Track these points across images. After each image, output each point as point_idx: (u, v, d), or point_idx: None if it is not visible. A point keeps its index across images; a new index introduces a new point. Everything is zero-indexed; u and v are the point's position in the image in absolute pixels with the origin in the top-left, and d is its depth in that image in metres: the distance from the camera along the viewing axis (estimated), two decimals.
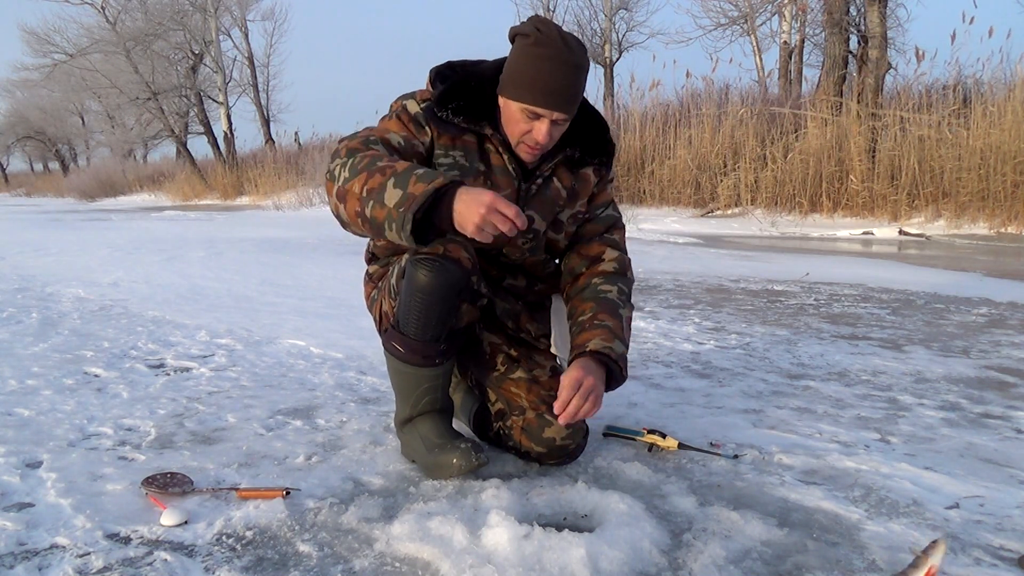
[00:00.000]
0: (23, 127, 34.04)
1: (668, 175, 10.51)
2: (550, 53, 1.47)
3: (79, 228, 10.16)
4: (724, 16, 14.14)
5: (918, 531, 1.42)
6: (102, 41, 19.64)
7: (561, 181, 1.68)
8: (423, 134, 1.58)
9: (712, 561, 1.29)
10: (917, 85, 9.34)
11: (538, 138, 1.53)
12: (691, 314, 3.66)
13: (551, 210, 1.68)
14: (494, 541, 1.31)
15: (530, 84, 1.49)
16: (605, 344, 1.57)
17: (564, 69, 1.48)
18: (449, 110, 1.56)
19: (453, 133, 1.59)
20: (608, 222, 1.76)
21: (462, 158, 1.60)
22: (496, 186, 1.61)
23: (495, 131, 1.59)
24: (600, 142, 1.70)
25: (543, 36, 1.49)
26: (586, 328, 1.61)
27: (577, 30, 16.82)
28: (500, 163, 1.62)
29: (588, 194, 1.72)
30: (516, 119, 1.54)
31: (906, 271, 5.32)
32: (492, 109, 1.59)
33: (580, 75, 1.52)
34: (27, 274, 5.08)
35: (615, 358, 1.57)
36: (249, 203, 17.16)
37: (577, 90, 1.53)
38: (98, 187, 23.94)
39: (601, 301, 1.65)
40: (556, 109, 1.50)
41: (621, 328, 1.62)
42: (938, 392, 2.34)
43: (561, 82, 1.49)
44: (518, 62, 1.51)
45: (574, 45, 1.50)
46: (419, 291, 1.52)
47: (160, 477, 1.60)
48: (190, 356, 2.79)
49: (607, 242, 1.74)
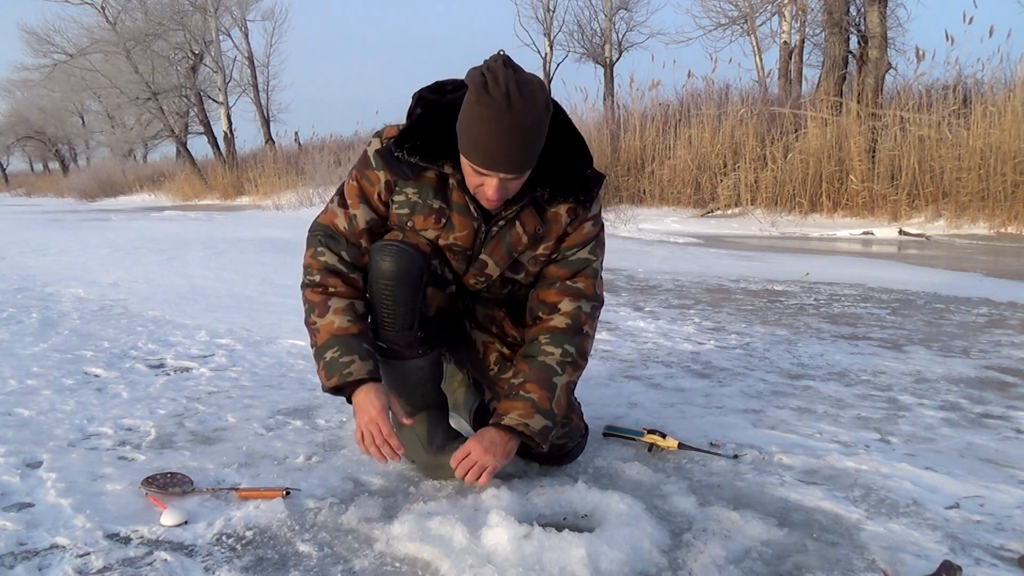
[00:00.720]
0: (23, 127, 34.04)
1: (668, 175, 10.51)
2: (491, 114, 1.35)
3: (79, 228, 10.16)
4: (724, 16, 14.13)
5: (918, 531, 1.42)
6: (102, 41, 19.64)
7: (524, 226, 1.57)
8: (376, 183, 1.57)
9: (712, 561, 1.29)
10: (917, 85, 9.34)
11: (488, 194, 1.45)
12: (691, 314, 3.66)
13: (507, 256, 1.60)
14: (494, 541, 1.31)
15: (474, 144, 1.40)
16: (522, 420, 1.52)
17: (505, 132, 1.36)
18: (405, 150, 1.50)
19: (407, 174, 1.54)
20: (576, 267, 1.62)
21: (415, 195, 1.55)
22: (452, 225, 1.56)
23: (455, 169, 1.51)
24: (578, 178, 1.56)
25: (486, 96, 1.35)
26: (510, 396, 1.56)
27: (577, 30, 16.84)
28: (461, 201, 1.55)
29: (557, 235, 1.61)
30: (468, 172, 1.46)
31: (906, 271, 5.32)
32: (455, 145, 1.49)
33: (526, 135, 1.39)
34: (27, 274, 5.08)
35: (530, 434, 1.52)
36: (249, 203, 17.15)
37: (523, 151, 1.40)
38: (98, 187, 23.94)
39: (537, 366, 1.57)
40: (500, 171, 1.41)
41: (548, 400, 1.54)
42: (938, 392, 2.34)
43: (503, 145, 1.38)
44: (464, 118, 1.42)
45: (518, 105, 1.34)
46: (383, 278, 1.53)
47: (160, 477, 1.60)
48: (190, 356, 2.79)
49: (568, 291, 1.62)
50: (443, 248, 1.60)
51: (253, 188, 18.00)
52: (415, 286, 1.54)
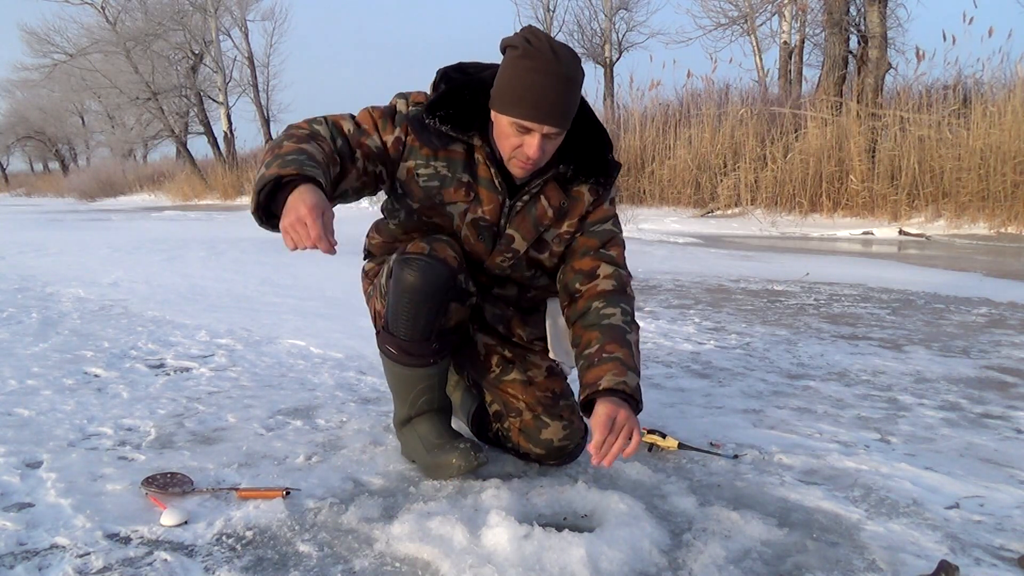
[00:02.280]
0: (23, 127, 34.04)
1: (668, 175, 10.51)
2: (538, 65, 1.42)
3: (79, 228, 10.16)
4: (724, 16, 14.13)
5: (918, 531, 1.42)
6: (102, 41, 19.65)
7: (549, 200, 1.60)
8: (388, 132, 1.54)
9: (712, 561, 1.29)
10: (917, 85, 9.36)
11: (529, 153, 1.46)
12: (691, 314, 3.66)
13: (534, 229, 1.61)
14: (494, 541, 1.31)
15: (519, 97, 1.43)
16: (618, 379, 1.47)
17: (553, 81, 1.42)
18: (437, 118, 1.52)
19: (436, 144, 1.54)
20: (604, 237, 1.65)
21: (444, 168, 1.55)
22: (480, 199, 1.57)
23: (484, 142, 1.54)
24: (599, 161, 1.61)
25: (532, 48, 1.42)
26: (595, 363, 1.51)
27: (577, 30, 16.83)
28: (487, 175, 1.56)
29: (580, 213, 1.63)
30: (507, 133, 1.48)
31: (906, 271, 5.32)
32: (484, 119, 1.54)
33: (571, 88, 1.45)
34: (27, 274, 5.08)
35: (630, 392, 1.47)
36: (249, 203, 17.15)
37: (568, 103, 1.46)
38: (98, 187, 23.93)
39: (606, 329, 1.55)
40: (546, 123, 1.44)
41: (631, 356, 1.53)
42: (938, 392, 2.34)
43: (550, 95, 1.43)
44: (507, 75, 1.46)
45: (565, 57, 1.43)
46: (406, 291, 1.52)
47: (160, 477, 1.60)
48: (190, 356, 2.79)
49: (602, 257, 1.64)
50: (469, 225, 1.58)
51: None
52: (439, 302, 1.54)
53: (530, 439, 1.65)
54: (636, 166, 10.91)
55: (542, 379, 1.70)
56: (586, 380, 1.51)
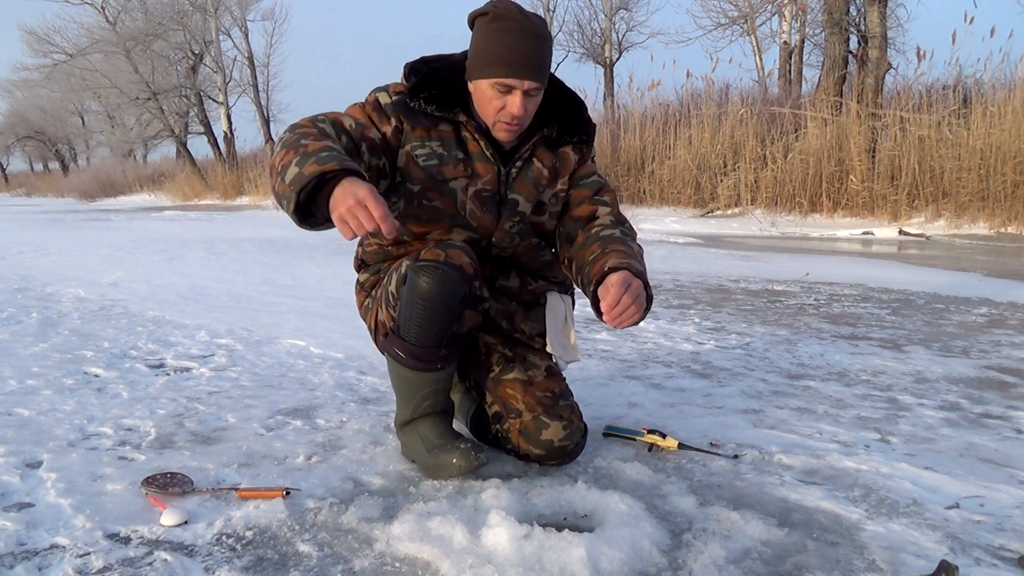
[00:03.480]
0: (23, 127, 34.03)
1: (668, 175, 10.51)
2: (510, 25, 1.50)
3: (79, 228, 10.16)
4: (724, 16, 14.14)
5: (918, 531, 1.42)
6: (102, 41, 19.64)
7: (542, 160, 1.67)
8: (385, 123, 1.58)
9: (712, 561, 1.29)
10: (917, 85, 9.35)
11: (513, 111, 1.52)
12: (691, 314, 3.66)
13: (534, 190, 1.67)
14: (494, 541, 1.31)
15: (496, 58, 1.50)
16: (623, 260, 1.51)
17: (526, 37, 1.50)
18: (421, 99, 1.57)
19: (427, 124, 1.59)
20: (595, 186, 1.73)
21: (439, 147, 1.60)
22: (477, 172, 1.62)
23: (469, 117, 1.60)
24: (578, 121, 1.69)
25: (500, 11, 1.52)
26: (599, 259, 1.55)
27: (577, 30, 16.84)
28: (478, 149, 1.62)
29: (569, 172, 1.71)
30: (488, 97, 1.54)
31: (906, 271, 5.32)
32: (465, 97, 1.60)
33: (543, 43, 1.53)
34: (27, 274, 5.08)
35: (635, 272, 1.49)
36: (249, 203, 17.16)
37: (543, 57, 1.54)
38: (98, 187, 23.93)
39: (607, 239, 1.61)
40: (526, 77, 1.51)
41: (634, 253, 1.57)
42: (938, 392, 2.34)
43: (527, 50, 1.50)
44: (481, 41, 1.53)
45: (532, 16, 1.53)
46: (421, 299, 1.51)
47: (160, 477, 1.60)
48: (190, 356, 2.79)
49: (597, 203, 1.71)
50: (472, 198, 1.61)
51: (253, 188, 18.00)
52: (454, 310, 1.54)
53: (530, 440, 1.65)
54: (636, 166, 10.91)
55: (542, 379, 1.70)
56: (593, 273, 1.54)
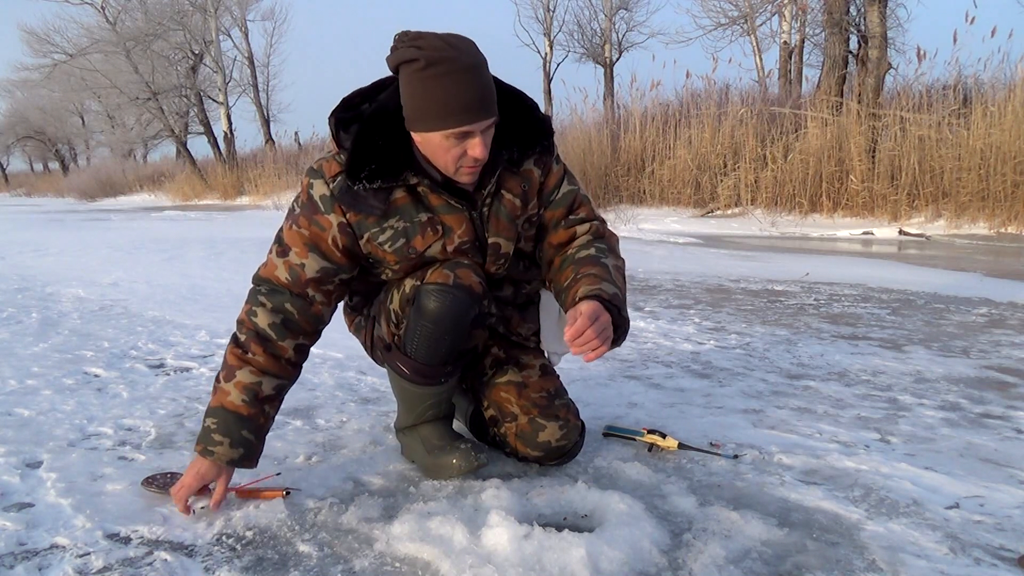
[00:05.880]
0: (23, 127, 34.03)
1: (668, 175, 10.50)
2: (448, 68, 1.35)
3: (79, 228, 10.16)
4: (724, 16, 14.13)
5: (918, 531, 1.42)
6: (102, 41, 19.62)
7: (511, 191, 1.58)
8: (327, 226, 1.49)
9: (712, 561, 1.29)
10: (917, 85, 9.33)
11: (476, 154, 1.41)
12: (691, 314, 3.66)
13: (511, 226, 1.59)
14: (494, 541, 1.31)
15: (443, 109, 1.37)
16: (592, 288, 1.48)
17: (468, 75, 1.37)
18: (363, 181, 1.44)
19: (379, 210, 1.48)
20: (566, 202, 1.65)
21: (400, 222, 1.49)
22: (448, 227, 1.52)
23: (420, 176, 1.48)
24: (534, 127, 1.56)
25: (429, 54, 1.35)
26: (571, 287, 1.53)
27: (577, 30, 16.84)
28: (440, 202, 1.50)
29: (536, 190, 1.63)
30: (444, 147, 1.41)
31: (906, 271, 5.31)
32: (408, 152, 1.48)
33: (483, 73, 1.40)
34: (27, 274, 5.08)
35: (607, 297, 1.47)
36: (249, 203, 17.15)
37: (490, 89, 1.41)
38: (98, 187, 23.92)
39: (578, 261, 1.58)
40: (481, 119, 1.39)
41: (607, 271, 1.54)
42: (938, 392, 2.34)
43: (474, 91, 1.37)
44: (419, 92, 1.38)
45: (461, 45, 1.38)
46: (430, 321, 1.50)
47: (160, 477, 1.60)
48: (190, 356, 2.79)
49: (573, 223, 1.65)
50: (454, 254, 1.54)
51: (253, 188, 17.99)
52: (463, 333, 1.53)
53: (527, 442, 1.65)
54: (636, 166, 10.90)
55: (536, 379, 1.70)
56: (565, 303, 1.54)
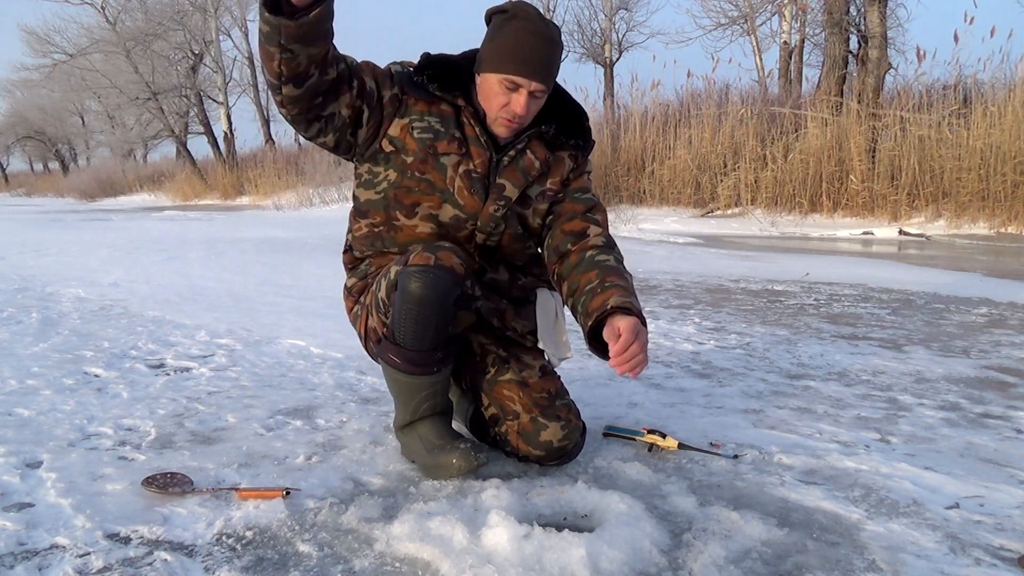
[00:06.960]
0: (23, 127, 34.01)
1: (668, 175, 10.50)
2: (527, 26, 1.54)
3: (79, 228, 10.16)
4: (724, 16, 14.11)
5: (918, 531, 1.42)
6: (102, 41, 19.63)
7: (535, 153, 1.68)
8: (387, 87, 1.61)
9: (712, 561, 1.29)
10: (917, 85, 9.33)
11: (516, 109, 1.56)
12: (691, 314, 3.66)
13: (523, 179, 1.67)
14: (494, 541, 1.31)
15: (509, 55, 1.53)
16: (624, 299, 1.53)
17: (541, 40, 1.54)
18: (425, 76, 1.61)
19: (428, 100, 1.62)
20: (588, 204, 1.73)
21: (437, 123, 1.62)
22: (470, 154, 1.63)
23: (468, 103, 1.63)
24: (576, 126, 1.71)
25: (519, 11, 1.55)
26: (598, 292, 1.56)
27: (577, 30, 16.81)
28: (473, 134, 1.63)
29: (561, 175, 1.71)
30: (495, 92, 1.56)
31: (906, 271, 5.31)
32: (468, 84, 1.64)
33: (556, 49, 1.57)
34: (27, 274, 5.08)
35: (636, 312, 1.52)
36: (249, 203, 17.15)
37: (554, 62, 1.57)
38: (98, 187, 23.92)
39: (603, 267, 1.62)
40: (534, 78, 1.54)
41: (633, 288, 1.60)
42: (938, 392, 2.34)
43: (539, 52, 1.54)
44: (496, 36, 1.56)
45: (550, 23, 1.57)
46: (413, 303, 1.51)
47: (160, 477, 1.60)
48: (190, 356, 2.79)
49: (590, 220, 1.71)
50: (462, 176, 1.62)
51: (253, 188, 17.99)
52: (446, 312, 1.54)
53: (529, 442, 1.65)
54: (636, 166, 10.90)
55: (536, 379, 1.69)
56: (592, 307, 1.55)
